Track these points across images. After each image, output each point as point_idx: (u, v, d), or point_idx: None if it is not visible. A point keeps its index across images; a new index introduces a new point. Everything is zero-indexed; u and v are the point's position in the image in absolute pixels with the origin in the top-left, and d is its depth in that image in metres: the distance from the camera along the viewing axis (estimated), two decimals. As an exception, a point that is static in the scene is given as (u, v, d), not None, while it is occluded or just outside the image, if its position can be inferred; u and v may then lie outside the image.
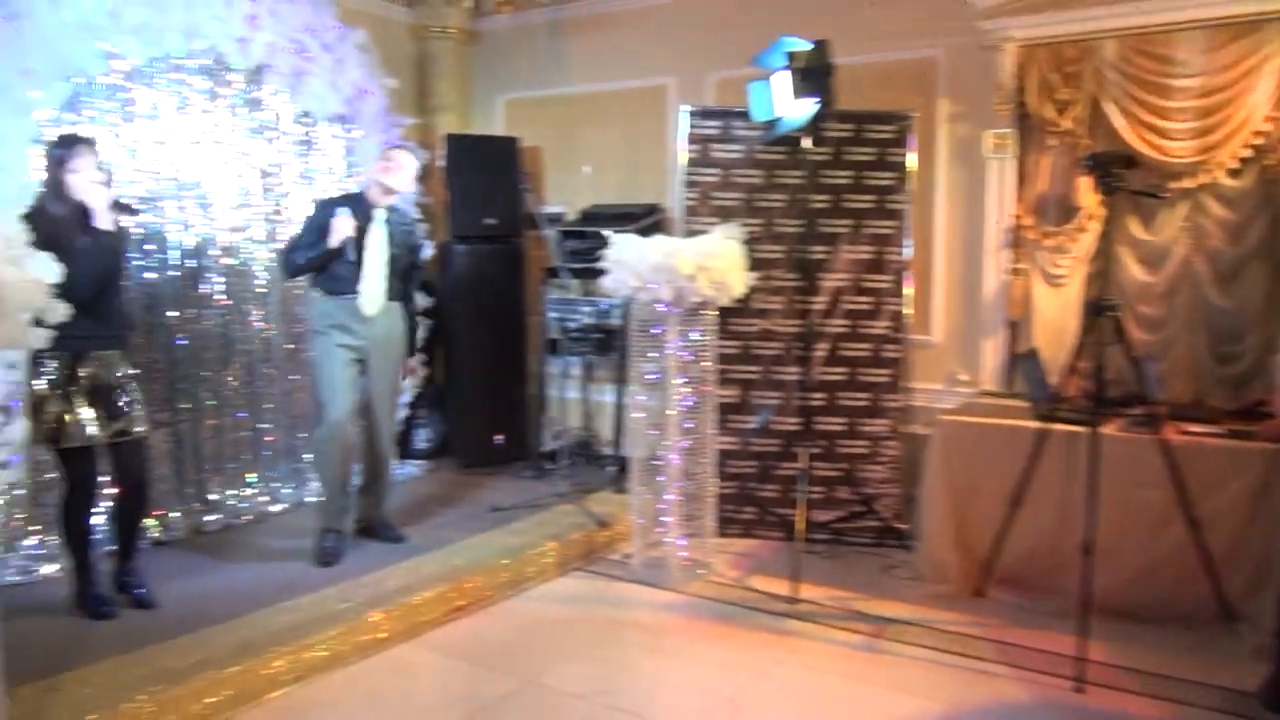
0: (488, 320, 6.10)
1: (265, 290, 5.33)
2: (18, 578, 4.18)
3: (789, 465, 5.18)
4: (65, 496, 3.82)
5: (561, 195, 6.47)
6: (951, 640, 3.96)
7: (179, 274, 4.92)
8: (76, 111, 4.41)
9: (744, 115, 4.93)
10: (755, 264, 4.89)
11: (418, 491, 5.65)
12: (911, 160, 5.22)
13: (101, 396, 3.73)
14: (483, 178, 6.06)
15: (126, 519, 3.99)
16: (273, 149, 5.29)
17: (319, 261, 4.45)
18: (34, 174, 3.98)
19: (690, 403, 4.56)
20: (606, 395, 6.21)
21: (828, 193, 5.25)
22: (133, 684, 3.17)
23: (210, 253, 5.04)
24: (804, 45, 4.50)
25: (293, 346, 5.46)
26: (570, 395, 6.37)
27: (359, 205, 4.48)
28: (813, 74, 4.47)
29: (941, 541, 4.50)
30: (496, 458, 6.11)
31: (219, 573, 4.36)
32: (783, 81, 4.54)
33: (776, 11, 5.56)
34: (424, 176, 6.00)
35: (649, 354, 4.48)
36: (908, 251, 5.27)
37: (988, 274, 5.32)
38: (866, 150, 5.26)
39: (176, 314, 4.91)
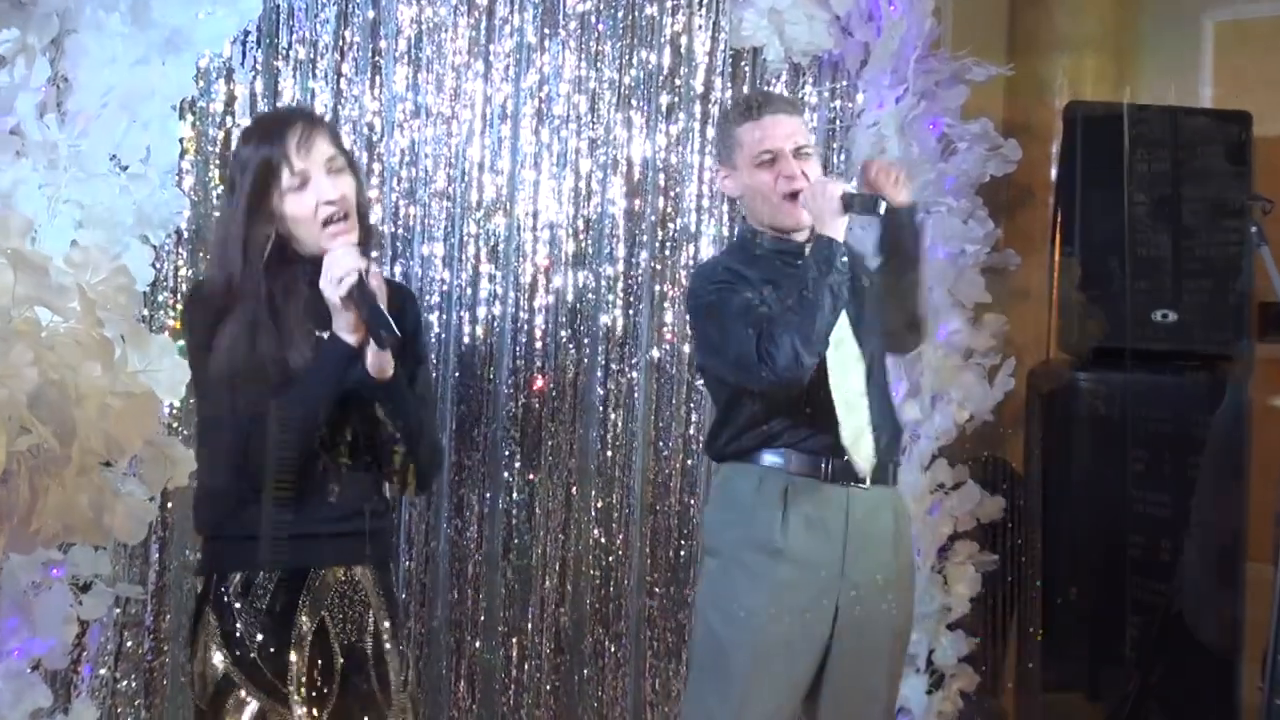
0: (1144, 540, 3.67)
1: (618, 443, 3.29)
2: None
3: None
4: None
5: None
6: None
7: (450, 399, 3.25)
8: (266, 53, 2.93)
9: None
10: None
11: None
12: None
13: (340, 670, 2.15)
14: (1152, 209, 3.48)
15: None
16: (663, 132, 3.32)
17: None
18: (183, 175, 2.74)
19: None
20: None
21: None
22: None
23: (511, 353, 3.23)
24: None
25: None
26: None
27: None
28: None
29: None
30: None
31: None
32: None
33: None
34: (1004, 204, 3.50)
35: None
36: None
37: None
38: None
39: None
